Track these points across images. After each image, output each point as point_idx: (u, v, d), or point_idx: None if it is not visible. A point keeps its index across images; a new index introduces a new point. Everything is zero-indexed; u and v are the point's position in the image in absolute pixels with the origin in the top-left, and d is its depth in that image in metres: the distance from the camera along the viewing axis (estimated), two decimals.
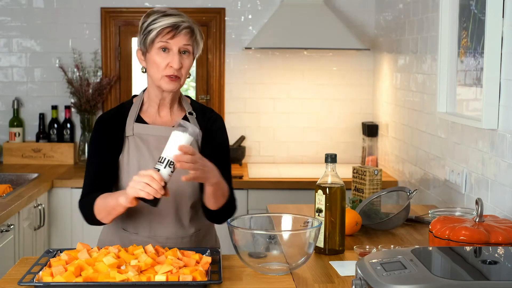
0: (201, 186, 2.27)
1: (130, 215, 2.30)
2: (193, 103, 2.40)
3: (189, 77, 2.32)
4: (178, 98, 2.37)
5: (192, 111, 2.36)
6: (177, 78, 2.23)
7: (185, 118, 2.34)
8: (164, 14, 2.23)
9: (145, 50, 2.26)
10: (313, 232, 2.00)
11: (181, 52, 2.22)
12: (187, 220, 2.31)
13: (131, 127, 2.30)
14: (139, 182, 2.00)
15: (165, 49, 2.22)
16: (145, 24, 2.24)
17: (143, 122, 2.32)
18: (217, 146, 2.35)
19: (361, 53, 4.66)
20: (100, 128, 2.34)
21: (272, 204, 3.30)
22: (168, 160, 2.01)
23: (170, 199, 2.25)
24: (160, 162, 2.02)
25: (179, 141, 2.01)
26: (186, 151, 2.00)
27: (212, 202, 2.22)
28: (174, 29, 2.20)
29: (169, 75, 2.22)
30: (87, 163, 2.34)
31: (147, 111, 2.35)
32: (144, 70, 2.31)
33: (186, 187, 2.28)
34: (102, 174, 2.30)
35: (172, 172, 2.02)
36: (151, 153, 2.28)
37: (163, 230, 2.29)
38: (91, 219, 2.24)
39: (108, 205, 2.16)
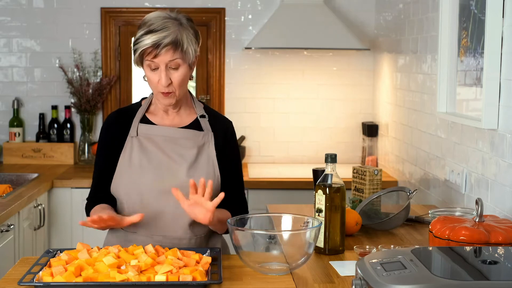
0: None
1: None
2: (206, 108, 2.40)
3: (191, 79, 2.31)
4: (187, 100, 2.37)
5: (205, 114, 2.36)
6: (171, 93, 2.24)
7: (196, 121, 2.35)
8: (148, 30, 2.18)
9: (139, 65, 2.26)
10: (313, 232, 2.00)
11: (169, 67, 2.20)
12: (190, 224, 2.28)
13: (135, 128, 2.31)
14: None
15: (154, 68, 2.21)
16: (134, 40, 2.23)
17: (149, 122, 2.33)
18: (231, 155, 2.38)
19: (361, 53, 4.66)
20: (106, 130, 2.37)
21: (272, 204, 3.30)
22: None
23: (170, 200, 2.24)
24: None
25: None
26: None
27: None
28: (155, 48, 2.17)
29: (161, 91, 2.23)
30: (94, 165, 2.39)
31: (154, 111, 2.35)
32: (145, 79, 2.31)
33: (187, 192, 2.25)
34: (105, 178, 2.32)
35: None
36: (155, 153, 2.28)
37: (160, 229, 2.27)
38: None
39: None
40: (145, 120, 2.34)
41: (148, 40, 2.16)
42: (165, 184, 2.25)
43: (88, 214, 2.31)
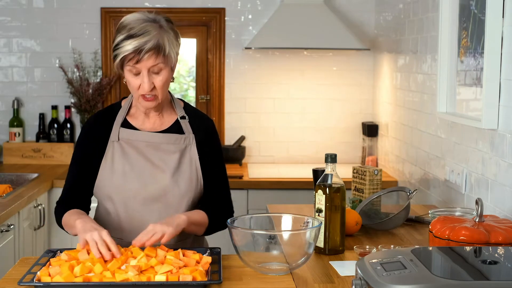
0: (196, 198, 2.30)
1: (112, 220, 2.28)
2: (186, 106, 2.37)
3: (172, 81, 2.25)
4: (168, 101, 2.33)
5: (185, 115, 2.32)
6: (153, 97, 2.20)
7: (177, 122, 2.32)
8: (128, 35, 2.12)
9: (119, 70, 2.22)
10: (313, 232, 2.00)
11: (152, 71, 2.16)
12: None
13: (117, 132, 2.28)
14: (93, 240, 1.99)
15: (135, 73, 2.16)
16: (113, 45, 2.17)
17: (130, 126, 2.30)
18: (213, 154, 2.34)
19: (361, 53, 4.66)
20: (85, 133, 2.32)
21: (272, 204, 3.30)
22: None
23: (155, 206, 2.24)
24: None
25: None
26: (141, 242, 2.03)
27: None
28: (137, 54, 2.11)
29: (143, 95, 2.19)
30: (69, 167, 2.33)
31: (134, 114, 2.32)
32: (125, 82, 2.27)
33: (172, 197, 2.25)
34: (81, 181, 2.29)
35: None
36: (137, 159, 2.25)
37: None
38: (61, 226, 2.29)
39: (68, 223, 2.20)
40: (126, 124, 2.30)
41: (129, 46, 2.10)
42: (149, 191, 2.24)
43: (59, 218, 2.27)
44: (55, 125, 4.59)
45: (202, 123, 2.35)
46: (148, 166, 2.25)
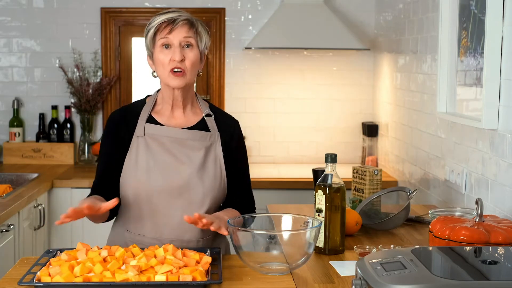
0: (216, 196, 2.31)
1: (134, 216, 2.28)
2: (212, 106, 2.39)
3: (199, 75, 2.31)
4: (193, 99, 2.36)
5: (210, 113, 2.35)
6: (182, 73, 2.23)
7: (202, 120, 2.33)
8: (163, 12, 2.27)
9: (150, 52, 2.29)
10: (313, 232, 2.00)
11: (183, 46, 2.23)
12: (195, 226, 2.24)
13: (142, 127, 2.28)
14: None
15: (167, 45, 2.23)
16: (147, 24, 2.29)
17: (156, 122, 2.30)
18: (239, 153, 2.37)
19: (361, 53, 4.66)
20: (110, 128, 2.32)
21: (272, 204, 3.30)
22: None
23: (179, 203, 2.24)
24: None
25: None
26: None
27: None
28: (171, 23, 2.23)
29: (173, 68, 2.22)
30: (97, 162, 2.36)
31: (160, 111, 2.33)
32: (155, 75, 2.31)
33: (196, 194, 2.25)
34: (108, 176, 2.30)
35: None
36: (162, 155, 2.25)
37: (168, 232, 2.26)
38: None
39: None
40: (151, 120, 2.31)
41: (164, 17, 2.24)
42: (173, 187, 2.24)
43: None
44: (55, 125, 4.59)
45: (227, 122, 2.38)
46: (172, 162, 2.25)
